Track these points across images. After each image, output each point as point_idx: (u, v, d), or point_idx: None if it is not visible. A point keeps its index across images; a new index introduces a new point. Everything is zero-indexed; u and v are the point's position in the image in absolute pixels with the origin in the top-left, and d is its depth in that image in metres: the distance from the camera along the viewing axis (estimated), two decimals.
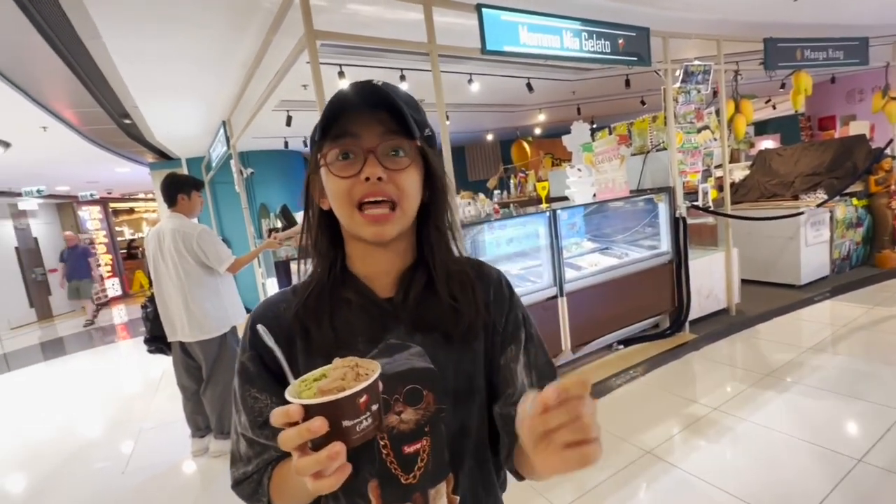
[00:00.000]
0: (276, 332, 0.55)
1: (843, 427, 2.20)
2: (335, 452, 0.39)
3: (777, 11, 3.73)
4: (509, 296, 0.66)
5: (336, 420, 0.39)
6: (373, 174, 0.54)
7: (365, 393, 0.41)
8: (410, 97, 0.60)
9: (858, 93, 7.18)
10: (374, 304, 0.60)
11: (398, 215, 0.56)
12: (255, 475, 0.59)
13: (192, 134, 5.12)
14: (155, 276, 2.54)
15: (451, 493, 0.59)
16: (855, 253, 4.75)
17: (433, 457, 0.58)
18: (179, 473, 2.57)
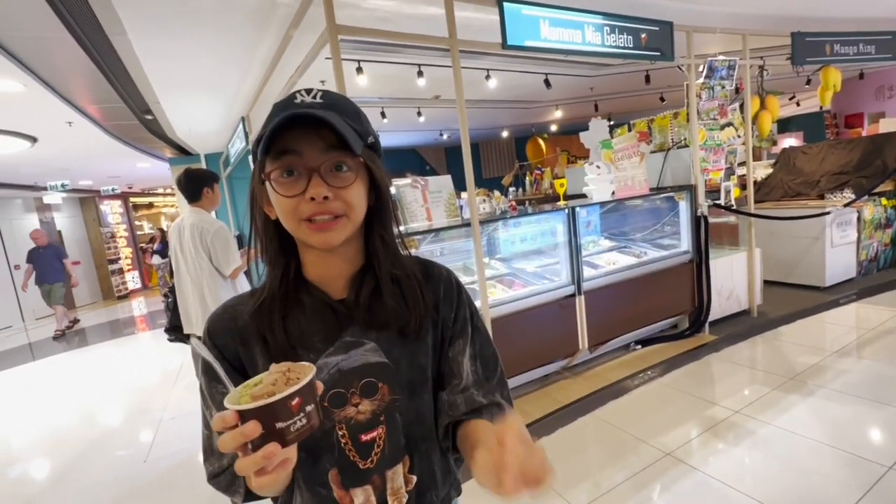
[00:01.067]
0: (232, 335, 0.62)
1: (870, 433, 2.13)
2: (269, 452, 0.41)
3: (807, 4, 3.62)
4: (457, 294, 0.70)
5: (269, 422, 0.42)
6: (318, 194, 0.55)
7: (297, 396, 0.43)
8: (351, 105, 0.61)
9: (888, 89, 6.95)
10: (329, 306, 0.63)
11: (343, 223, 0.59)
12: (230, 468, 0.60)
13: (211, 130, 5.19)
14: (175, 269, 2.58)
15: (408, 472, 0.65)
16: (883, 255, 4.61)
17: (389, 443, 0.63)
18: (199, 464, 2.62)
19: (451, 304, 0.69)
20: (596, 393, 2.76)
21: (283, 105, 0.59)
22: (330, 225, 0.57)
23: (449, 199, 2.91)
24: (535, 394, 2.85)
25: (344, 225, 0.58)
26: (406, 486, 0.64)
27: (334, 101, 0.59)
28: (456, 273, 0.75)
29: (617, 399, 2.70)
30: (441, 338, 0.68)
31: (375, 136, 0.63)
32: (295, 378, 0.45)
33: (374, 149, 0.63)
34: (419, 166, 9.56)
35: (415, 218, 2.69)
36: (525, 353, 2.78)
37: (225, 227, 2.51)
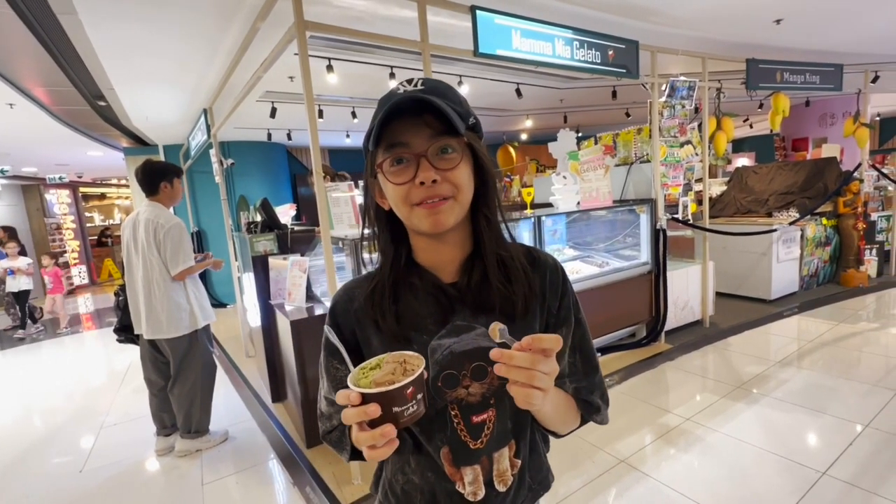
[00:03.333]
0: (349, 315, 0.67)
1: (808, 440, 2.26)
2: (386, 432, 0.47)
3: (759, 33, 3.85)
4: (563, 282, 0.70)
5: (387, 406, 0.48)
6: (427, 178, 0.58)
7: (412, 385, 0.49)
8: (451, 90, 0.63)
9: (830, 117, 7.48)
10: (440, 289, 0.65)
11: (451, 204, 0.60)
12: (339, 427, 0.68)
13: (171, 120, 4.95)
14: (127, 265, 2.43)
15: (513, 457, 0.68)
16: (822, 271, 4.94)
17: (498, 425, 0.65)
18: (141, 473, 2.47)
19: (556, 291, 0.69)
20: None
21: (388, 97, 0.60)
22: (439, 205, 0.59)
23: None
24: None
25: (452, 206, 0.60)
26: (511, 469, 0.67)
27: (434, 86, 0.61)
28: None
29: None
30: (546, 324, 0.68)
31: (476, 117, 0.64)
32: (411, 369, 0.51)
33: (475, 130, 0.64)
34: None
35: None
36: None
37: (181, 225, 2.38)
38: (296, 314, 2.52)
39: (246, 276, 3.49)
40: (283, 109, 4.66)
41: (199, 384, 2.52)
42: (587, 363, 0.70)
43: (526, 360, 0.48)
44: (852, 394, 2.65)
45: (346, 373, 0.65)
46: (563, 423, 0.68)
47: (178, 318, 2.40)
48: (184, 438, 2.56)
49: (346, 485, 2.13)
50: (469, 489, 0.65)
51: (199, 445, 2.57)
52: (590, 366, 0.70)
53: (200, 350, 2.51)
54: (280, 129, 5.97)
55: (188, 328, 2.44)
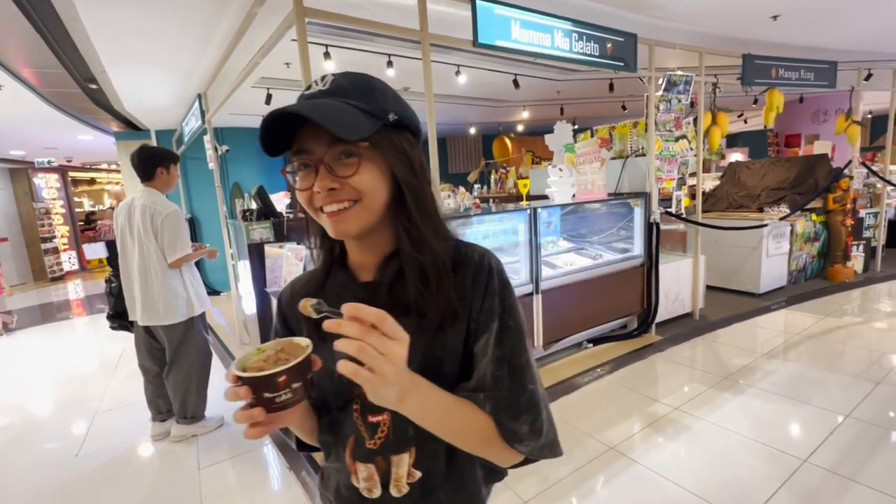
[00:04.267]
0: (293, 310, 0.68)
1: (791, 429, 2.34)
2: (252, 414, 0.49)
3: (756, 29, 3.87)
4: (487, 281, 0.62)
5: (258, 391, 0.49)
6: (322, 187, 0.57)
7: (283, 375, 0.49)
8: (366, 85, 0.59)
9: (823, 114, 7.55)
10: (355, 287, 0.66)
11: (357, 210, 0.58)
12: None
13: (164, 105, 4.88)
14: (122, 252, 2.42)
15: (412, 466, 0.64)
16: (810, 266, 5.03)
17: (394, 430, 0.63)
18: (137, 458, 2.49)
19: (479, 292, 0.62)
20: (548, 389, 2.85)
21: (299, 97, 0.60)
22: (342, 214, 0.58)
23: None
24: None
25: (357, 213, 0.58)
26: (408, 477, 0.64)
27: (341, 83, 0.58)
28: None
29: (568, 395, 2.81)
30: (468, 331, 0.62)
31: (401, 111, 0.60)
32: (284, 358, 0.51)
33: (401, 126, 0.60)
34: None
35: None
36: None
37: (179, 213, 2.37)
38: None
39: (241, 263, 3.49)
40: (279, 96, 4.62)
41: (195, 371, 2.53)
42: (515, 381, 0.60)
43: (354, 330, 0.45)
44: (835, 385, 2.73)
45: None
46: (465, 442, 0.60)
47: (174, 305, 2.40)
48: (179, 424, 2.58)
49: None
50: (363, 485, 0.64)
51: (194, 431, 2.59)
52: (517, 384, 0.60)
53: (196, 337, 2.52)
54: None
55: (184, 315, 2.44)
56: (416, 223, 0.61)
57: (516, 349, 0.61)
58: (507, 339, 0.61)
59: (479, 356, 0.61)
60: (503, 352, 0.60)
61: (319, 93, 0.58)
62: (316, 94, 0.58)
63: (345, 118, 0.54)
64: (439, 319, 0.60)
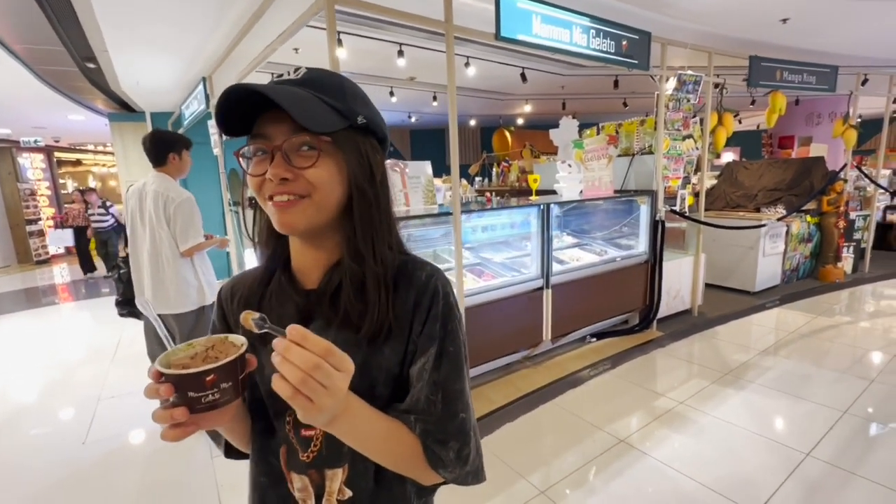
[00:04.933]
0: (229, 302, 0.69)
1: (791, 424, 2.42)
2: (175, 415, 0.46)
3: (765, 31, 3.91)
4: (430, 305, 0.61)
5: (182, 390, 0.46)
6: (275, 175, 0.54)
7: (211, 374, 0.46)
8: (337, 83, 0.58)
9: (817, 116, 7.69)
10: (297, 295, 0.63)
11: (306, 204, 0.56)
12: None
13: (163, 87, 4.76)
14: (131, 238, 2.38)
15: (343, 483, 0.62)
16: (803, 266, 5.16)
17: (327, 445, 0.62)
18: (146, 446, 2.47)
19: (422, 314, 0.60)
20: (556, 382, 2.90)
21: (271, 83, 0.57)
22: (290, 205, 0.55)
23: (427, 185, 2.89)
24: (499, 382, 2.95)
25: (306, 207, 0.56)
26: (339, 493, 0.62)
27: (314, 77, 0.57)
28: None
29: (574, 388, 2.86)
30: (405, 352, 0.61)
31: (370, 116, 0.59)
32: (214, 357, 0.48)
33: (368, 131, 0.59)
34: None
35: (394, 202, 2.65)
36: (494, 343, 2.86)
37: (192, 200, 2.33)
38: None
39: (248, 251, 3.45)
40: None
41: None
42: (447, 407, 0.59)
43: (300, 359, 0.43)
44: (830, 382, 2.82)
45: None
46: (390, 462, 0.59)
47: (185, 293, 2.37)
48: None
49: None
50: (298, 494, 0.63)
51: None
52: (449, 411, 0.59)
53: (208, 325, 2.49)
54: None
55: (196, 304, 2.42)
56: (361, 232, 0.59)
57: (452, 376, 0.60)
58: (444, 365, 0.60)
59: (415, 379, 0.60)
60: (439, 377, 0.59)
61: (289, 81, 0.56)
62: (285, 82, 0.56)
63: (311, 109, 0.53)
64: (371, 334, 0.59)
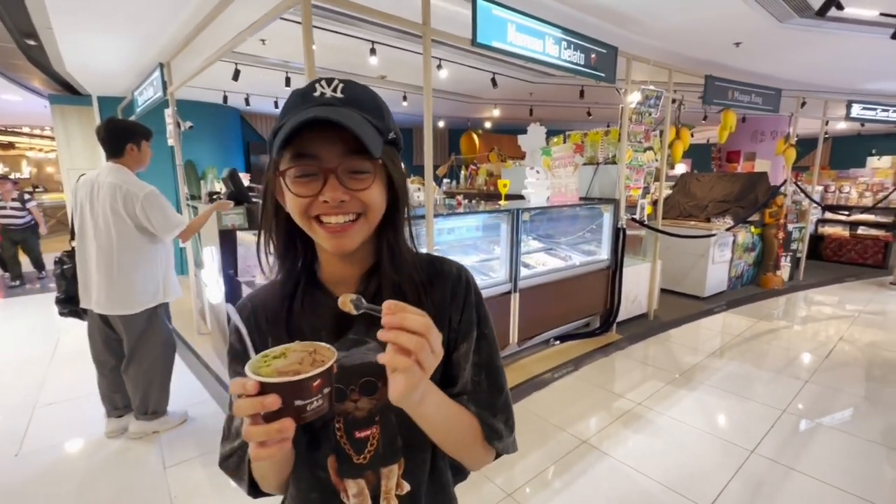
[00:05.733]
0: (251, 325, 0.63)
1: (738, 422, 2.59)
2: (284, 427, 0.44)
3: (720, 53, 4.17)
4: (465, 294, 0.66)
5: (289, 399, 0.44)
6: (333, 199, 0.54)
7: (319, 378, 0.45)
8: (374, 99, 0.59)
9: (760, 134, 8.28)
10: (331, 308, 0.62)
11: (361, 224, 0.58)
12: (240, 450, 0.63)
13: (113, 70, 4.45)
14: (79, 232, 2.21)
15: (401, 477, 0.64)
16: (746, 273, 5.54)
17: (383, 442, 0.63)
18: (91, 457, 2.29)
19: (458, 304, 0.65)
20: (522, 385, 2.95)
21: (303, 96, 0.56)
22: (346, 228, 0.56)
23: None
24: None
25: (361, 227, 0.58)
26: (397, 489, 0.64)
27: (356, 95, 0.56)
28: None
29: (539, 391, 2.93)
30: (447, 339, 0.64)
31: (397, 131, 0.61)
32: (320, 360, 0.47)
33: (394, 144, 0.61)
34: None
35: None
36: None
37: (156, 191, 2.20)
38: None
39: (206, 249, 3.29)
40: (248, 73, 4.37)
41: (158, 363, 2.37)
42: (493, 383, 0.65)
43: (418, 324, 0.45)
44: (770, 382, 3.05)
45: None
46: (458, 442, 0.63)
47: (145, 291, 2.24)
48: (139, 420, 2.41)
49: None
50: (353, 500, 0.63)
51: (155, 427, 2.44)
52: (495, 387, 0.65)
53: (160, 326, 2.36)
54: (238, 93, 5.58)
55: (152, 302, 2.28)
56: (400, 242, 0.63)
57: (492, 355, 0.66)
58: (483, 347, 0.66)
59: (461, 363, 0.64)
60: (481, 358, 0.65)
61: (336, 100, 0.55)
62: (332, 102, 0.55)
63: (370, 133, 0.53)
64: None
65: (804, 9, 3.11)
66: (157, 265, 2.28)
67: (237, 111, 6.94)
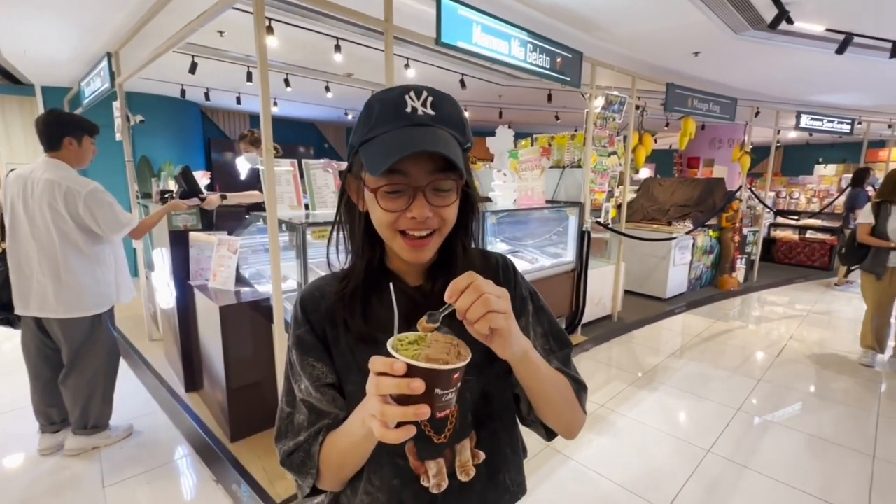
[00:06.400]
0: (320, 313, 0.67)
1: (695, 422, 2.65)
2: (422, 412, 0.45)
3: (680, 62, 4.30)
4: (513, 277, 0.74)
5: (431, 386, 0.45)
6: (420, 215, 0.58)
7: (459, 371, 0.47)
8: (457, 111, 0.61)
9: (718, 141, 8.63)
10: (406, 293, 0.67)
11: (436, 238, 0.63)
12: (305, 444, 0.64)
13: (58, 59, 4.17)
14: (11, 232, 2.02)
15: (474, 447, 0.69)
16: (705, 275, 5.74)
17: (459, 419, 0.67)
18: (21, 476, 2.11)
19: (511, 286, 0.71)
20: None
21: (395, 108, 0.57)
22: (425, 242, 0.61)
23: None
24: None
25: (436, 241, 0.62)
26: (473, 459, 0.68)
27: (445, 111, 0.58)
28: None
29: None
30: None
31: (471, 140, 0.64)
32: (464, 355, 0.48)
33: (467, 150, 0.64)
34: (317, 142, 8.99)
35: (324, 204, 2.52)
36: None
37: (100, 187, 2.06)
38: (223, 298, 2.31)
39: (157, 251, 3.11)
40: (205, 66, 4.18)
41: (101, 373, 2.21)
42: (560, 343, 0.73)
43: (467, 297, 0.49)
44: (726, 381, 3.15)
45: (323, 371, 0.66)
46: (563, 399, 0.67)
47: (95, 293, 2.09)
48: (77, 435, 2.23)
49: (279, 480, 2.03)
50: (433, 482, 0.66)
51: (96, 442, 2.27)
52: (563, 346, 0.74)
53: (105, 333, 2.20)
54: (197, 87, 5.34)
55: (105, 305, 2.14)
56: (470, 242, 0.69)
57: (551, 320, 0.75)
58: (543, 318, 0.74)
59: (527, 333, 0.71)
60: (543, 327, 0.73)
61: (428, 118, 0.57)
62: (425, 121, 0.57)
63: (457, 155, 0.56)
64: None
65: (758, 21, 3.24)
66: (107, 266, 2.14)
67: (197, 106, 6.65)
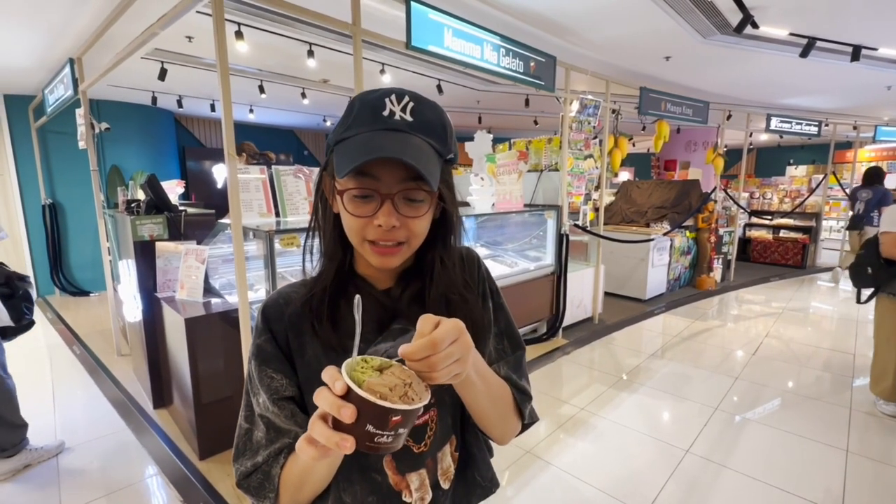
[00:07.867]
0: (284, 321, 0.62)
1: (674, 423, 2.65)
2: (342, 444, 0.41)
3: (652, 66, 4.37)
4: (478, 270, 0.71)
5: (363, 419, 0.41)
6: (386, 224, 0.56)
7: (399, 414, 0.42)
8: (440, 118, 0.58)
9: (693, 144, 8.81)
10: (376, 298, 0.64)
11: (403, 250, 0.59)
12: (265, 466, 0.60)
13: (20, 65, 4.02)
14: None
15: (454, 451, 0.67)
16: (683, 276, 5.82)
17: (440, 424, 0.64)
18: None
19: (472, 279, 0.69)
20: None
21: (372, 111, 0.55)
22: (392, 251, 0.58)
23: None
24: None
25: (403, 252, 0.59)
26: (454, 463, 0.66)
27: (425, 118, 0.56)
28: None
29: None
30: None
31: (455, 151, 0.61)
32: (410, 398, 0.44)
33: (450, 162, 0.62)
34: (296, 149, 8.89)
35: (296, 211, 2.46)
36: None
37: None
38: (191, 310, 2.23)
39: (123, 262, 3.00)
40: (176, 72, 4.08)
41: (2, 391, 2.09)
42: (514, 347, 0.71)
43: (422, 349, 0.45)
44: (704, 381, 3.17)
45: (282, 383, 0.61)
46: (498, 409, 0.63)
47: None
48: None
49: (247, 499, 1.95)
50: (416, 496, 0.62)
51: (22, 461, 2.15)
52: (516, 350, 0.71)
53: None
54: (169, 94, 5.22)
55: None
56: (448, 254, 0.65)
57: (509, 322, 0.72)
58: (501, 317, 0.71)
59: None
60: (500, 327, 0.71)
61: (405, 124, 0.55)
62: (401, 127, 0.55)
63: (431, 165, 0.54)
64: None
65: (724, 26, 3.31)
66: None
67: (171, 113, 6.50)
